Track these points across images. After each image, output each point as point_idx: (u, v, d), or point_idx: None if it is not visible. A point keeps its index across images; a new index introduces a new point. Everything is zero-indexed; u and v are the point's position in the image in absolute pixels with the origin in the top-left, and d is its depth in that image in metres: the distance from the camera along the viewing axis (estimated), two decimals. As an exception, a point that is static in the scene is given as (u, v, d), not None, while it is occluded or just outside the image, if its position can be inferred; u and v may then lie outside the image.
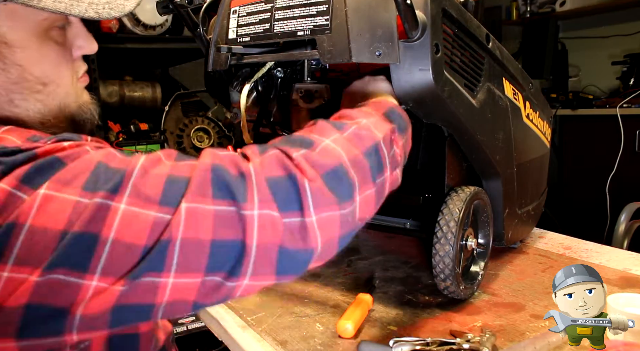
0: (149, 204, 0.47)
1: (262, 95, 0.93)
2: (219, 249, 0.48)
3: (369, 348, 0.76)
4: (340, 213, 0.53)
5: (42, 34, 0.58)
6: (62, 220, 0.45)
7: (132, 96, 2.94)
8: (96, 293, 0.45)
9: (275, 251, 0.49)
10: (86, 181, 0.47)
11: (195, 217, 0.47)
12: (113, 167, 0.49)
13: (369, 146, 0.59)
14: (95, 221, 0.45)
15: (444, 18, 0.78)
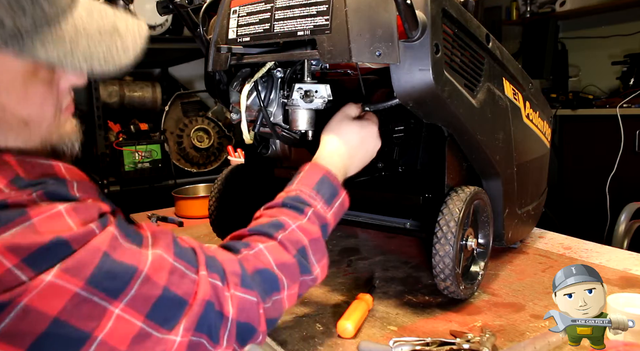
0: (138, 316, 0.51)
1: (262, 95, 0.93)
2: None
3: (369, 348, 0.76)
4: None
5: (29, 76, 0.54)
6: (56, 307, 0.46)
7: (132, 96, 2.94)
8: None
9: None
10: (91, 275, 0.48)
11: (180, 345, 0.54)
12: (118, 262, 0.50)
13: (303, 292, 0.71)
14: (92, 319, 0.48)
15: (444, 18, 0.78)
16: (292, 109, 0.91)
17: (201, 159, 2.78)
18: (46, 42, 0.52)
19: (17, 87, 0.54)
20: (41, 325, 0.46)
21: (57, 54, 0.53)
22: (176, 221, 1.55)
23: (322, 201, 0.74)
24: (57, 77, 0.58)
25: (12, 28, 0.50)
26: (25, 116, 0.55)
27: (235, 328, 0.59)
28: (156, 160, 2.55)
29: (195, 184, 1.82)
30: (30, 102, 0.56)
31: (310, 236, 0.70)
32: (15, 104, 0.54)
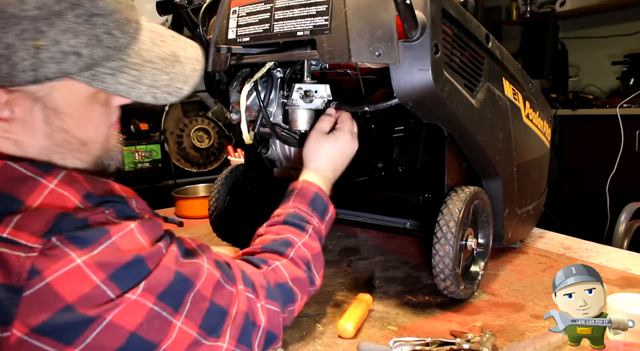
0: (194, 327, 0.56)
1: (262, 95, 0.93)
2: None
3: (369, 348, 0.76)
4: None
5: (90, 100, 0.56)
6: (135, 323, 0.50)
7: (132, 96, 2.93)
8: None
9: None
10: (163, 292, 0.53)
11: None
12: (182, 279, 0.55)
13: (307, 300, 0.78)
14: (160, 332, 0.52)
15: (444, 18, 0.78)
16: (291, 109, 0.91)
17: (201, 159, 2.78)
18: (116, 71, 0.54)
19: (79, 112, 0.56)
20: (120, 340, 0.49)
21: (126, 84, 0.55)
22: (176, 221, 1.55)
23: (317, 217, 0.82)
24: (111, 97, 0.60)
25: (88, 58, 0.51)
26: (84, 137, 0.58)
27: (264, 336, 0.65)
28: (156, 160, 2.55)
29: (195, 184, 1.82)
30: (89, 124, 0.58)
31: (313, 251, 0.77)
32: (77, 128, 0.56)
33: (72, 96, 0.54)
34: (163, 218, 0.60)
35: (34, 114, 0.53)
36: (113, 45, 0.53)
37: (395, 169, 1.07)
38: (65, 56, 0.50)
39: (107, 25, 0.52)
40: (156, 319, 0.52)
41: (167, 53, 0.59)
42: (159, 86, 0.57)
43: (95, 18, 0.51)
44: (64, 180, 0.52)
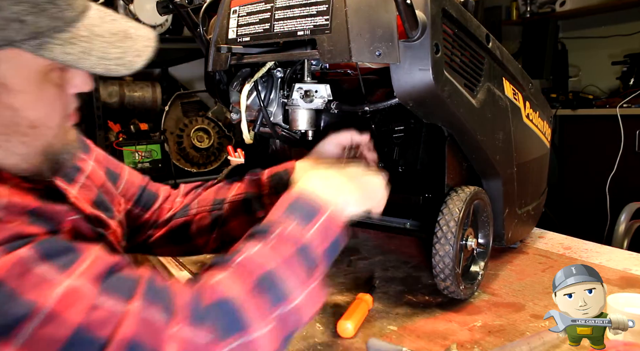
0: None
1: (262, 95, 0.93)
2: None
3: (378, 346, 0.76)
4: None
5: (42, 77, 0.55)
6: None
7: (132, 96, 2.94)
8: None
9: None
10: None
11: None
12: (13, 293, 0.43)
13: (289, 333, 0.56)
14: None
15: (444, 18, 0.78)
16: (292, 109, 0.91)
17: (201, 159, 2.78)
18: (64, 42, 0.53)
19: (31, 89, 0.54)
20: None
21: (75, 55, 0.53)
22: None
23: (295, 222, 0.61)
24: (65, 81, 0.58)
25: (32, 26, 0.50)
26: (34, 119, 0.55)
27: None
28: (156, 160, 2.55)
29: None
30: (41, 104, 0.56)
31: (280, 258, 0.57)
32: (27, 105, 0.54)
33: (21, 69, 0.53)
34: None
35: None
36: (58, 16, 0.53)
37: (395, 169, 1.07)
38: (7, 23, 0.49)
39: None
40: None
41: (118, 29, 0.59)
42: (110, 58, 0.56)
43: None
44: None
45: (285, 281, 0.56)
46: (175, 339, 0.47)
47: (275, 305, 0.54)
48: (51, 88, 0.56)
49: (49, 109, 0.57)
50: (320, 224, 0.62)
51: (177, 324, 0.48)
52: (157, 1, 0.94)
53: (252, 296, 0.53)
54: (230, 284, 0.53)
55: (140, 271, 0.52)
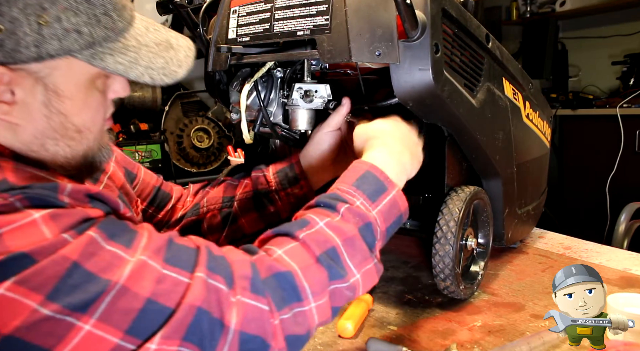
0: (116, 331, 0.45)
1: (262, 95, 0.93)
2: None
3: (377, 346, 0.76)
4: None
5: (90, 85, 0.58)
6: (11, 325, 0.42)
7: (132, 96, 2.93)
8: None
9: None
10: (53, 289, 0.44)
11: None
12: (90, 273, 0.45)
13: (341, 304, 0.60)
14: (52, 336, 0.43)
15: (444, 18, 0.78)
16: (292, 109, 0.91)
17: (201, 159, 2.78)
18: (115, 52, 0.56)
19: (79, 95, 0.57)
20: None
21: (125, 64, 0.56)
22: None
23: (364, 197, 0.63)
24: (107, 87, 0.61)
25: (88, 36, 0.53)
26: (80, 124, 0.58)
27: (237, 341, 0.50)
28: (156, 160, 2.55)
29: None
30: (86, 110, 0.58)
31: (344, 236, 0.60)
32: (75, 111, 0.57)
33: (72, 77, 0.56)
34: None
35: (35, 95, 0.54)
36: (111, 27, 0.55)
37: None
38: (66, 33, 0.52)
39: (105, 7, 0.54)
40: (45, 322, 0.43)
41: (161, 39, 0.61)
42: (155, 68, 0.58)
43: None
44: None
45: (345, 260, 0.59)
46: (236, 306, 0.51)
47: (333, 280, 0.58)
48: (96, 94, 0.59)
49: (93, 115, 0.60)
50: (387, 203, 0.65)
51: (237, 293, 0.51)
52: (157, 1, 0.94)
53: (311, 271, 0.56)
54: (292, 257, 0.56)
55: (197, 241, 0.55)
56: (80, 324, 0.44)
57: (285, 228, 0.61)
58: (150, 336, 0.47)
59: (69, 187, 0.50)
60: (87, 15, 0.53)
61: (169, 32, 0.63)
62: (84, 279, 0.45)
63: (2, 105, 0.53)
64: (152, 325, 0.47)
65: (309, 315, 0.55)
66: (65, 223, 0.47)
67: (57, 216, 0.47)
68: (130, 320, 0.46)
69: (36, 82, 0.54)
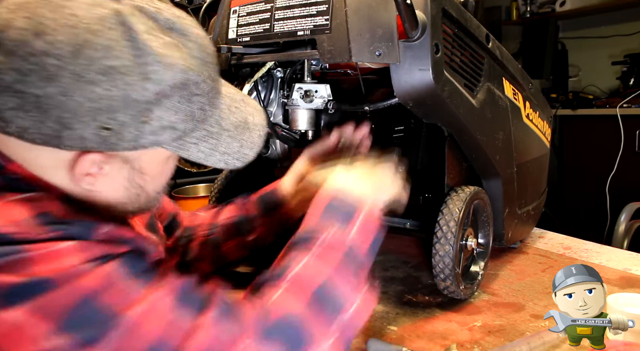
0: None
1: (262, 95, 0.93)
2: None
3: (377, 346, 0.76)
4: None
5: (168, 160, 0.60)
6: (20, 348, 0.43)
7: (132, 96, 2.93)
8: None
9: None
10: (67, 319, 0.44)
11: None
12: (103, 306, 0.46)
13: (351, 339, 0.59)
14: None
15: (444, 18, 0.78)
16: (292, 109, 0.91)
17: (201, 159, 2.78)
18: (199, 140, 0.56)
19: (157, 171, 0.59)
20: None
21: (205, 152, 0.56)
22: (176, 221, 1.54)
23: (335, 226, 0.63)
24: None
25: (181, 132, 0.53)
26: (152, 190, 0.60)
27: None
28: (156, 160, 2.55)
29: (195, 184, 1.81)
30: (161, 180, 0.61)
31: (330, 269, 0.59)
32: (152, 184, 0.59)
33: (157, 159, 0.58)
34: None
35: (122, 172, 0.55)
36: (202, 118, 0.55)
37: (395, 169, 1.06)
38: (163, 130, 0.51)
39: (202, 102, 0.54)
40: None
41: (240, 120, 0.60)
42: (231, 153, 0.58)
43: (195, 97, 0.53)
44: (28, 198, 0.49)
45: (339, 290, 0.58)
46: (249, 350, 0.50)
47: (335, 315, 0.56)
48: (170, 166, 0.61)
49: (164, 181, 0.62)
50: (360, 222, 0.64)
51: (246, 339, 0.50)
52: (157, 1, 0.94)
53: (311, 311, 0.55)
54: (288, 301, 0.55)
55: (211, 287, 0.55)
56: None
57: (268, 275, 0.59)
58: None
59: (108, 228, 0.51)
60: (184, 113, 0.52)
61: (247, 107, 0.62)
62: (97, 310, 0.45)
63: (89, 177, 0.53)
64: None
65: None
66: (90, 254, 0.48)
67: (84, 248, 0.48)
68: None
69: (125, 162, 0.55)
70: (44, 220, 0.48)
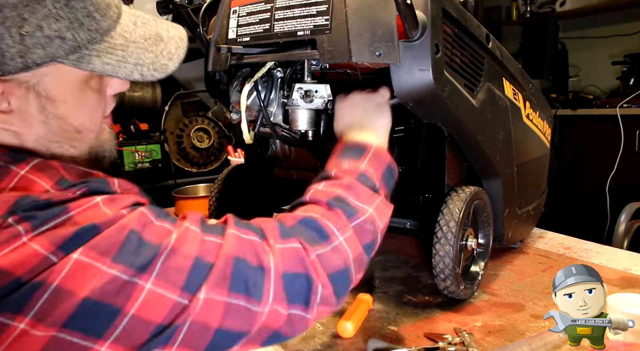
0: (173, 288, 0.50)
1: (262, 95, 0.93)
2: (222, 335, 0.53)
3: (377, 346, 0.76)
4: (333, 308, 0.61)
5: (83, 86, 0.58)
6: (88, 287, 0.47)
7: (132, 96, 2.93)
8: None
9: (270, 334, 0.56)
10: (117, 253, 0.49)
11: (209, 306, 0.52)
12: (145, 240, 0.51)
13: (369, 241, 0.67)
14: (121, 295, 0.48)
15: (444, 18, 0.78)
16: (292, 109, 0.91)
17: (201, 159, 2.78)
18: (101, 53, 0.56)
19: (73, 98, 0.58)
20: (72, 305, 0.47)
21: (113, 64, 0.56)
22: (176, 221, 1.54)
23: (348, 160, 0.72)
24: (104, 85, 0.62)
25: (72, 41, 0.53)
26: (78, 124, 0.59)
27: (281, 282, 0.55)
28: (156, 160, 2.55)
29: (195, 184, 1.82)
30: (83, 111, 0.59)
31: (342, 186, 0.67)
32: (71, 114, 0.58)
33: (63, 81, 0.56)
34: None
35: (29, 103, 0.55)
36: (95, 28, 0.55)
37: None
38: (50, 40, 0.52)
39: (86, 9, 0.54)
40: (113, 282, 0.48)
41: (151, 33, 0.61)
42: (145, 63, 0.59)
43: (73, 2, 0.53)
44: (36, 167, 0.52)
45: (353, 199, 0.66)
46: (271, 251, 0.56)
47: (350, 218, 0.64)
48: (91, 95, 0.60)
49: (91, 114, 0.61)
50: (371, 156, 0.73)
51: (270, 242, 0.57)
52: (157, 1, 0.94)
53: (328, 215, 0.63)
54: (307, 211, 0.63)
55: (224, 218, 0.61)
56: (142, 283, 0.49)
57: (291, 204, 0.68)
58: (198, 288, 0.51)
59: (116, 181, 0.55)
60: (68, 20, 0.52)
61: (159, 23, 0.63)
62: (140, 244, 0.50)
63: (1, 115, 0.54)
64: (199, 279, 0.52)
65: (341, 248, 0.61)
66: (121, 204, 0.52)
67: (114, 199, 0.52)
68: (184, 278, 0.51)
69: (28, 90, 0.54)
70: (65, 185, 0.52)
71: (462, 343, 0.76)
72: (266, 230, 0.59)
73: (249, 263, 0.54)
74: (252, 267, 0.54)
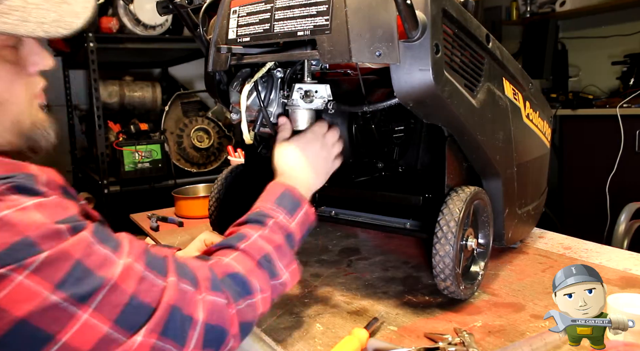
0: (106, 321, 0.53)
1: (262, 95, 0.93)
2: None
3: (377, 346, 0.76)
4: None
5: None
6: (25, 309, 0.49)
7: (132, 96, 2.94)
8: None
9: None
10: (61, 281, 0.51)
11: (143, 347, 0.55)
12: (89, 269, 0.53)
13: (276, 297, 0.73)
14: (57, 323, 0.50)
15: (444, 18, 0.78)
16: (292, 109, 0.91)
17: (201, 159, 2.78)
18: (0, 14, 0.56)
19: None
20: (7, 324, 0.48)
21: (12, 23, 0.56)
22: (176, 221, 1.55)
23: (284, 213, 0.78)
24: (22, 59, 0.62)
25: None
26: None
27: (203, 331, 0.60)
28: (156, 160, 2.55)
29: (195, 184, 1.81)
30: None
31: (274, 244, 0.74)
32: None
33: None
34: (163, 218, 0.60)
35: None
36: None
37: (395, 169, 1.07)
38: None
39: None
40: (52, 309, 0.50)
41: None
42: (48, 22, 0.59)
43: None
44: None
45: (278, 262, 0.73)
46: (202, 302, 0.61)
47: (272, 278, 0.72)
48: (5, 65, 0.60)
49: (8, 85, 0.61)
50: (301, 217, 0.80)
51: (201, 292, 0.62)
52: (157, 1, 0.94)
53: (255, 271, 0.70)
54: (239, 263, 0.69)
55: (164, 251, 0.66)
56: (80, 313, 0.51)
57: (226, 242, 0.73)
58: (137, 329, 0.55)
59: (43, 178, 0.57)
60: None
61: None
62: (84, 274, 0.52)
63: None
64: (138, 319, 0.55)
65: (257, 305, 0.68)
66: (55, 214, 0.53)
67: (45, 206, 0.54)
68: (119, 312, 0.54)
69: None
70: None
71: (462, 343, 0.76)
72: (200, 279, 0.63)
73: (182, 312, 0.59)
74: (184, 316, 0.59)
